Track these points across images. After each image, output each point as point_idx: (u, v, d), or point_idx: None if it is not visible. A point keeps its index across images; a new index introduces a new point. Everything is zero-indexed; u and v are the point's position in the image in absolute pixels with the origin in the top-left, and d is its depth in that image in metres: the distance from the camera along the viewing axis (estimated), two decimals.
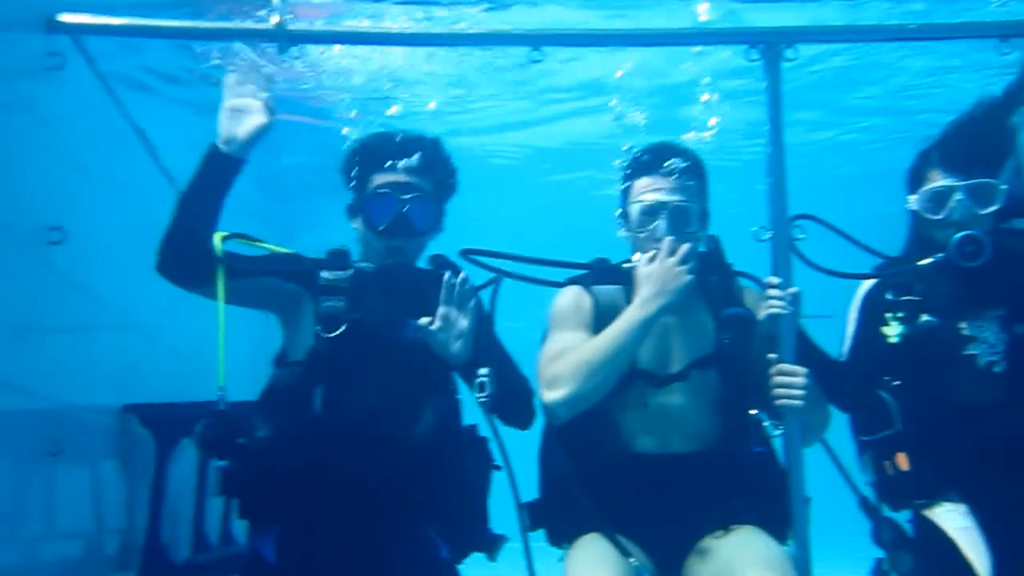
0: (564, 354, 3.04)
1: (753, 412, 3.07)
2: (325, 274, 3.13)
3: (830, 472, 3.38)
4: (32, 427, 3.18)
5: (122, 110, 4.20)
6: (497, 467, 3.13)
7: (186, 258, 2.95)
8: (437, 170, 3.20)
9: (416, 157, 3.14)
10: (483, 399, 2.98)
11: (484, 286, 3.22)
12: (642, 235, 3.13)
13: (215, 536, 5.14)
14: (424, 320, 3.02)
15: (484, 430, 3.14)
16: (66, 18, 3.29)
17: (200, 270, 2.97)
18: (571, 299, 3.22)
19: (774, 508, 3.06)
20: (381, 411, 3.03)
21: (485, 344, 3.10)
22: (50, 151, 3.35)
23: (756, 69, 3.26)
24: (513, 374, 3.16)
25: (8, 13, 3.05)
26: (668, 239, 3.05)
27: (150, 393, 4.48)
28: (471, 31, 4.21)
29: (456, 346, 3.03)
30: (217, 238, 3.01)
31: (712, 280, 3.22)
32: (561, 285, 3.31)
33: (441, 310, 3.04)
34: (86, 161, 3.76)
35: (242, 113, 2.93)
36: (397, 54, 5.13)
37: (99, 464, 4.02)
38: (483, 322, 3.13)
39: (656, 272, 3.02)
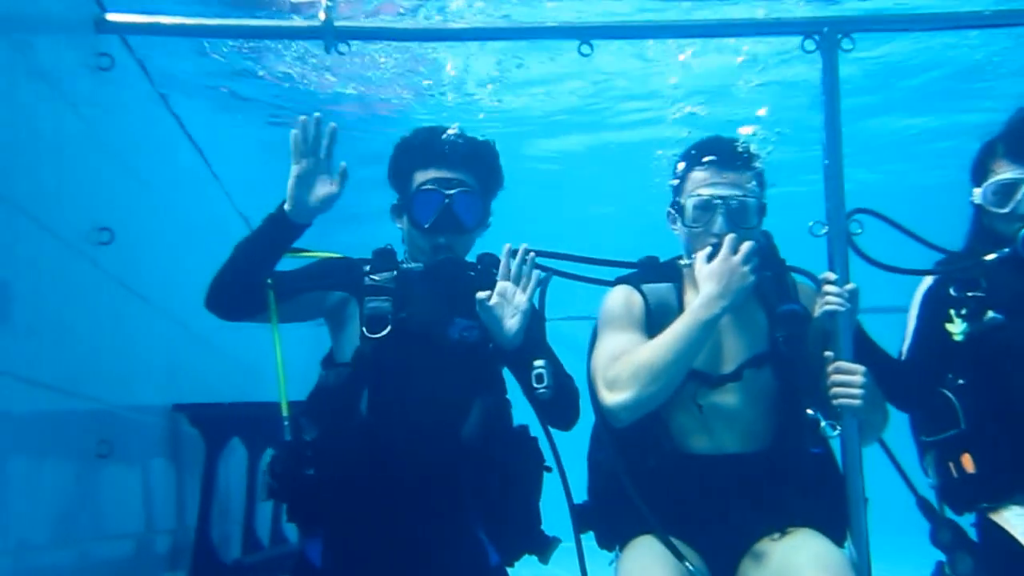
0: (622, 356, 2.97)
1: (810, 412, 2.98)
2: (371, 275, 3.10)
3: (886, 472, 3.28)
4: (84, 428, 3.18)
5: (170, 109, 4.22)
6: (548, 468, 3.07)
7: (238, 301, 2.98)
8: (482, 165, 3.14)
9: (460, 152, 3.09)
10: (542, 390, 2.90)
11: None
12: (697, 231, 3.05)
13: (266, 536, 5.16)
14: (481, 294, 2.94)
15: (534, 430, 3.09)
16: (114, 17, 3.30)
17: (251, 307, 2.99)
18: (621, 299, 3.14)
19: (831, 510, 2.98)
20: (429, 412, 2.98)
21: (538, 339, 3.03)
22: (100, 151, 3.36)
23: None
24: (562, 372, 3.08)
25: (60, 12, 3.05)
26: (730, 236, 2.95)
27: (199, 393, 4.51)
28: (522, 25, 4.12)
29: (511, 323, 2.95)
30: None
31: (765, 276, 3.12)
32: (611, 283, 3.24)
33: (499, 284, 2.97)
34: (136, 161, 3.77)
35: (312, 179, 2.89)
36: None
37: (149, 464, 4.03)
38: (535, 319, 3.06)
39: (718, 271, 2.93)
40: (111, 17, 3.29)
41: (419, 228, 3.06)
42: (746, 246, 2.94)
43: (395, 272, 3.11)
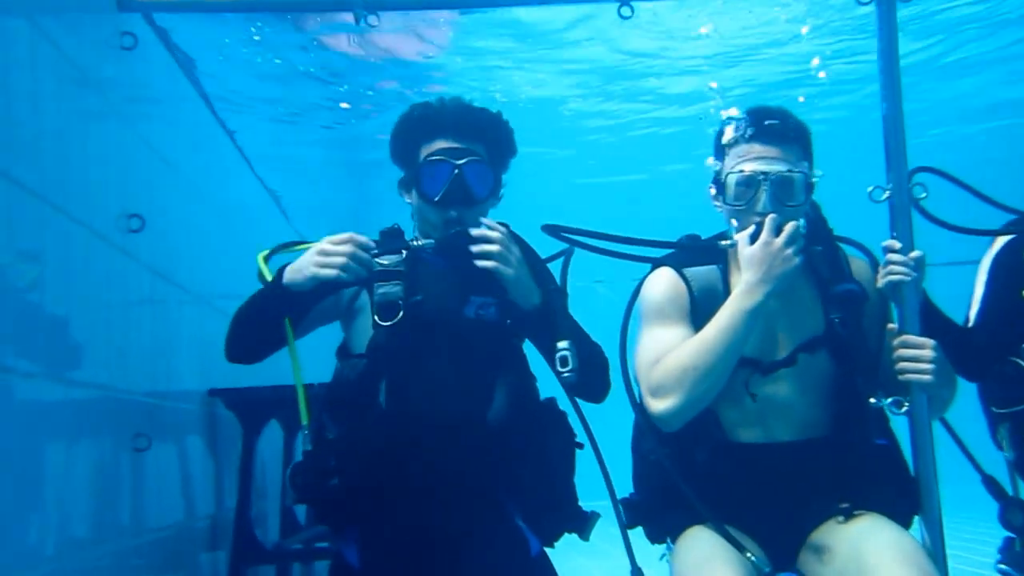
0: (665, 358, 2.83)
1: (873, 400, 2.83)
2: (378, 259, 2.92)
3: (948, 448, 3.14)
4: (121, 423, 3.10)
5: (199, 88, 4.12)
6: (579, 444, 2.95)
7: (261, 352, 2.91)
8: (491, 134, 2.98)
9: (468, 121, 2.93)
10: (567, 374, 2.76)
11: (553, 258, 3.03)
12: (740, 208, 2.87)
13: (302, 515, 5.11)
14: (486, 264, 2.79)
15: (562, 404, 2.96)
16: None
17: (273, 348, 2.90)
18: (664, 287, 2.97)
19: (897, 494, 2.84)
20: (451, 397, 2.85)
21: (561, 317, 2.87)
22: (128, 134, 3.25)
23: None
24: (588, 344, 2.93)
25: None
26: (771, 217, 2.78)
27: (236, 376, 4.43)
28: None
29: (510, 271, 2.80)
30: (260, 259, 2.86)
31: (816, 252, 2.96)
32: (648, 260, 3.07)
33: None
34: (165, 143, 3.66)
35: (327, 259, 2.71)
36: None
37: (187, 451, 3.97)
38: (558, 295, 2.91)
39: (759, 255, 2.77)
40: None
41: (428, 201, 2.89)
42: (790, 227, 2.77)
43: (404, 253, 2.96)
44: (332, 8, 3.16)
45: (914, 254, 2.84)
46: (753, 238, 2.80)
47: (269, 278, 2.80)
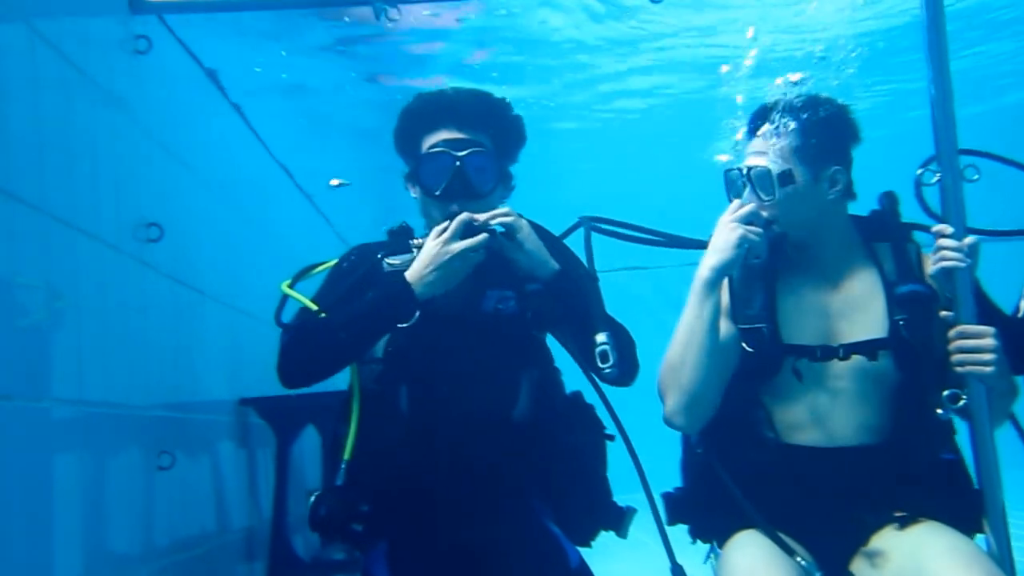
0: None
1: (940, 412, 2.67)
2: (389, 260, 2.82)
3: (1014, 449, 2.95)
4: (144, 442, 3.02)
5: (221, 89, 4.04)
6: (610, 436, 2.83)
7: (326, 375, 2.75)
8: (496, 123, 2.85)
9: (471, 111, 2.81)
10: (609, 370, 2.63)
11: (567, 233, 2.93)
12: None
13: None
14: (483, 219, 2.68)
15: (588, 396, 2.85)
16: None
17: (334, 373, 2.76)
18: None
19: (960, 501, 2.68)
20: (475, 396, 2.73)
21: (596, 306, 2.74)
22: (144, 142, 3.16)
23: None
24: (618, 328, 2.79)
25: None
26: (736, 201, 2.75)
27: (268, 384, 4.35)
28: None
29: (524, 233, 2.69)
30: (285, 287, 2.78)
31: (883, 247, 2.83)
32: (701, 245, 2.97)
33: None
34: (185, 148, 3.58)
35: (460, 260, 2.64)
36: None
37: (218, 463, 3.90)
38: (589, 280, 2.80)
39: (715, 231, 2.73)
40: None
41: (430, 195, 2.78)
42: (746, 208, 2.71)
43: (414, 252, 2.82)
44: (353, 3, 3.02)
45: (967, 240, 2.67)
46: None
47: (308, 303, 2.72)
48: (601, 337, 2.64)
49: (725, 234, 2.69)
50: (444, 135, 2.78)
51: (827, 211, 2.81)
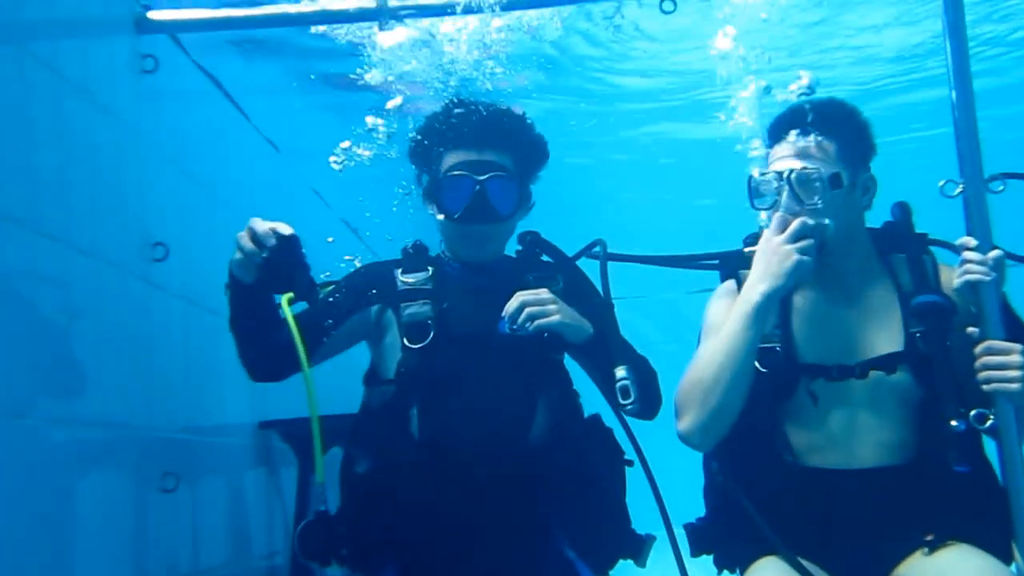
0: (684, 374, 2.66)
1: (954, 423, 2.56)
2: (403, 277, 2.78)
3: None
4: (153, 462, 2.98)
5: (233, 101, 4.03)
6: (629, 462, 2.77)
7: (269, 368, 2.72)
8: (518, 143, 2.80)
9: (493, 130, 2.75)
10: (631, 406, 2.58)
11: (579, 256, 2.87)
12: (766, 211, 2.69)
13: None
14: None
15: (607, 420, 2.80)
16: (157, 15, 3.08)
17: (286, 368, 2.69)
18: (723, 302, 2.79)
19: (990, 525, 2.56)
20: (490, 420, 2.66)
21: (614, 338, 2.68)
22: (152, 160, 3.14)
23: None
24: (640, 363, 2.75)
25: (96, 14, 2.84)
26: (778, 215, 2.61)
27: (292, 405, 4.32)
28: None
29: (556, 318, 2.61)
30: (284, 302, 2.72)
31: (899, 258, 2.75)
32: (718, 268, 2.90)
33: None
34: (195, 163, 3.55)
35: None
36: None
37: (239, 484, 3.84)
38: (606, 310, 2.74)
39: (760, 252, 2.61)
40: (153, 15, 3.07)
41: (450, 218, 2.74)
42: (794, 224, 2.58)
43: (430, 270, 2.79)
44: (356, 19, 3.00)
45: (993, 253, 2.57)
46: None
47: (289, 316, 2.67)
48: (621, 372, 2.59)
49: (780, 259, 2.57)
50: (464, 156, 2.73)
51: (858, 220, 2.74)
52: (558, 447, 2.71)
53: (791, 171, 2.63)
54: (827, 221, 2.61)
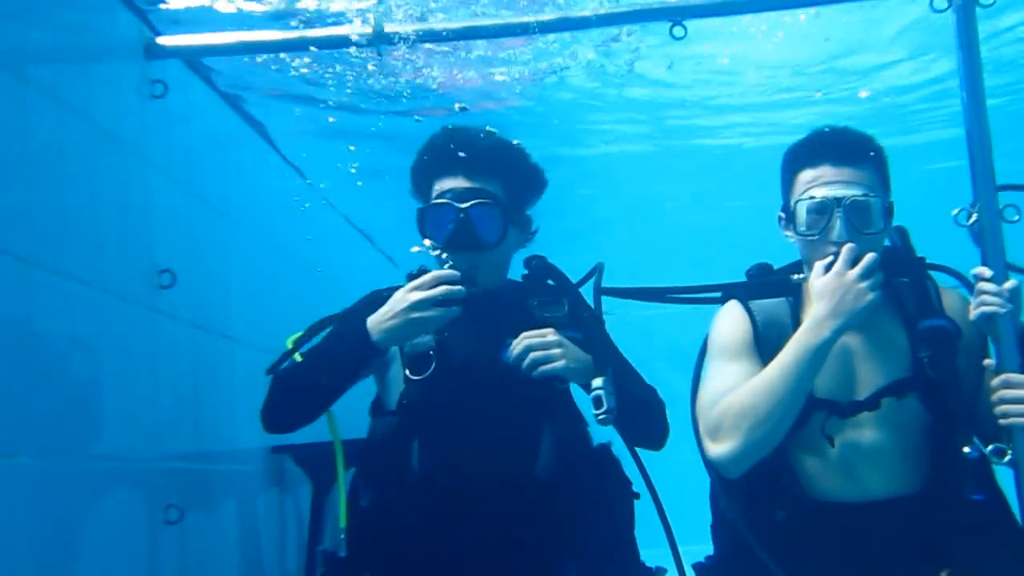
0: (725, 397, 2.59)
1: (967, 450, 2.51)
2: None
3: None
4: (158, 487, 2.96)
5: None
6: (636, 495, 2.73)
7: (299, 422, 2.80)
8: (508, 171, 2.76)
9: (481, 158, 2.72)
10: (602, 416, 2.53)
11: (583, 282, 2.84)
12: (812, 239, 2.63)
13: None
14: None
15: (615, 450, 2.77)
16: (166, 41, 3.08)
17: (312, 419, 2.79)
18: (729, 323, 2.75)
19: (1007, 556, 2.51)
20: (494, 452, 2.64)
21: (598, 348, 2.65)
22: (163, 185, 3.13)
23: None
24: (636, 382, 2.73)
25: (104, 41, 2.84)
26: (848, 246, 2.54)
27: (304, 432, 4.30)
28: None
29: (562, 363, 2.59)
30: (290, 343, 2.76)
31: (902, 284, 2.71)
32: (719, 301, 2.85)
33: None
34: (204, 185, 3.54)
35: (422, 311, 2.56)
36: None
37: (248, 513, 3.82)
38: (594, 324, 2.71)
39: (831, 286, 2.52)
40: (162, 41, 3.06)
41: (434, 246, 2.72)
42: (867, 258, 2.52)
43: None
44: (358, 44, 3.00)
45: (1008, 284, 2.52)
46: (828, 268, 2.56)
47: (299, 359, 2.70)
48: (597, 382, 2.55)
49: (855, 297, 2.51)
50: (451, 183, 2.72)
51: (880, 248, 2.68)
52: (565, 478, 2.68)
53: (846, 198, 2.58)
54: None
